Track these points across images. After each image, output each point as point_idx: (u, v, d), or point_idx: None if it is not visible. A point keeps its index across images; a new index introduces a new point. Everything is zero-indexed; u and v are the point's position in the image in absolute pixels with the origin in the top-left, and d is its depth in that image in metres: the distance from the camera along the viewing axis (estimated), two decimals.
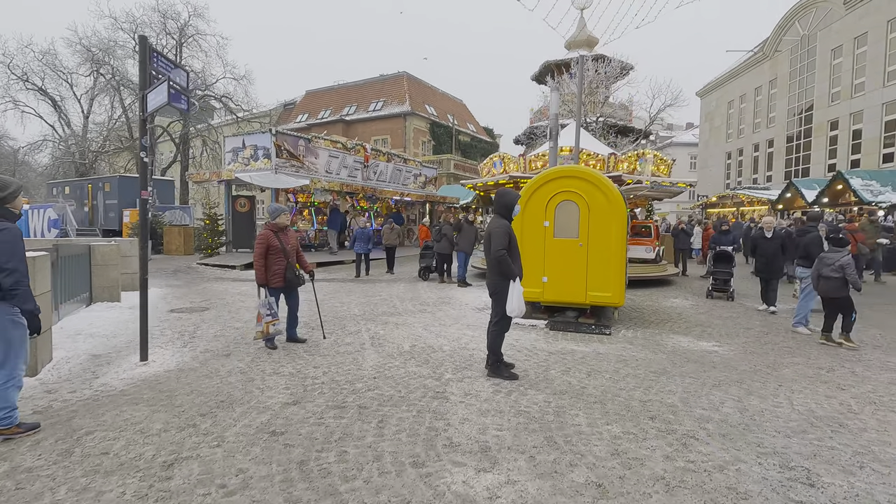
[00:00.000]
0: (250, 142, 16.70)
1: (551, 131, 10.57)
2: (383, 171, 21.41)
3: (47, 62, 34.52)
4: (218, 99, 37.31)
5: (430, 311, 8.19)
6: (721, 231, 10.16)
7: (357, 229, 12.83)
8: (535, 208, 7.29)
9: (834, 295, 6.15)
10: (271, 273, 5.49)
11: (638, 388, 4.48)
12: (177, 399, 3.94)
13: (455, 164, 37.16)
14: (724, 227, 10.26)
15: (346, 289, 10.75)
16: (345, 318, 7.42)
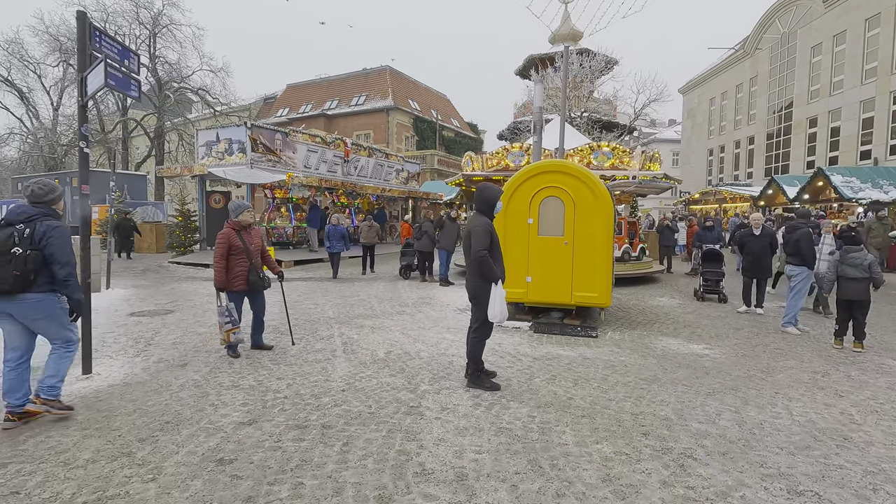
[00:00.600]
0: (224, 135, 16.06)
1: (535, 125, 10.22)
2: (364, 167, 20.90)
3: (13, 52, 33.10)
4: (195, 92, 36.25)
5: (410, 312, 7.80)
6: (705, 227, 9.87)
7: (329, 227, 11.98)
8: (518, 205, 6.95)
9: (861, 297, 5.80)
10: (233, 275, 5.04)
11: (628, 398, 4.16)
12: (115, 420, 3.49)
13: (439, 160, 36.72)
14: (707, 224, 9.97)
15: (323, 289, 10.29)
16: (317, 322, 6.99)
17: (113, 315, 7.42)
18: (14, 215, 3.38)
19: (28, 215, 3.38)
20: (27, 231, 3.31)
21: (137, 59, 5.02)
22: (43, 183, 3.56)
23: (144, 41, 34.18)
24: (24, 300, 3.32)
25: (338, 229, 11.90)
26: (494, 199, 4.39)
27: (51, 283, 3.41)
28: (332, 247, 11.89)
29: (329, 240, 11.91)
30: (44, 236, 3.33)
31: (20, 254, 3.23)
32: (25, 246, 3.26)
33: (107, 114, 36.49)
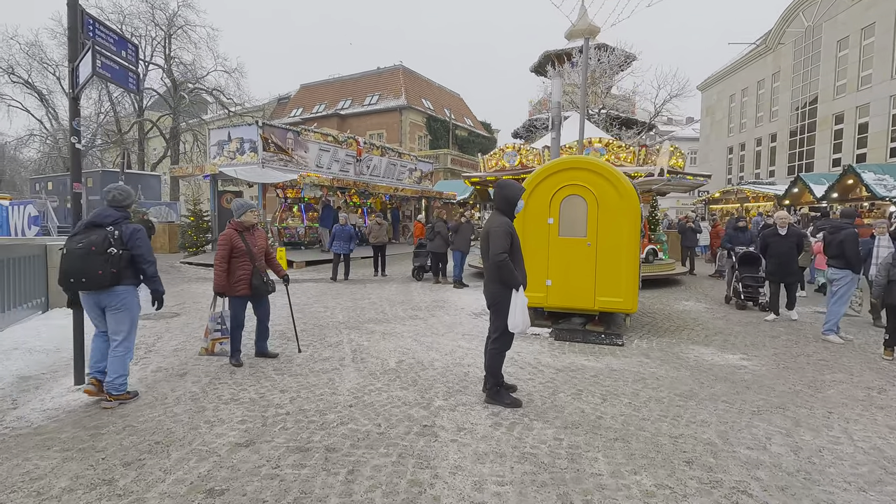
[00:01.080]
0: (236, 134, 15.89)
1: (553, 120, 9.81)
2: (377, 166, 20.61)
3: (33, 55, 33.53)
4: (209, 92, 36.40)
5: (423, 317, 7.45)
6: (737, 228, 9.22)
7: (336, 227, 11.46)
8: (537, 203, 6.55)
9: None
10: (235, 279, 4.74)
11: (664, 417, 3.76)
12: (102, 439, 3.19)
13: (452, 159, 36.36)
14: (740, 224, 9.31)
15: (333, 291, 10.00)
16: (326, 327, 6.68)
17: None
18: (101, 218, 3.78)
19: (113, 218, 3.81)
20: (116, 233, 3.74)
21: (136, 50, 4.74)
22: (121, 189, 3.98)
23: (160, 42, 34.43)
24: (113, 292, 3.78)
25: (345, 229, 11.39)
26: (515, 198, 4.01)
27: (134, 278, 3.89)
28: (337, 247, 11.40)
29: (335, 240, 11.42)
30: (130, 238, 3.78)
31: (115, 253, 3.69)
32: (118, 246, 3.72)
33: (123, 115, 36.80)
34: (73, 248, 3.64)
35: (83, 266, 3.60)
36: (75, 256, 3.61)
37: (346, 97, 42.25)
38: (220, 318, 4.70)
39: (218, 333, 4.70)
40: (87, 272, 3.61)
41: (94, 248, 3.61)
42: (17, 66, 33.70)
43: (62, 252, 3.72)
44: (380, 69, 42.68)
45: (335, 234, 11.40)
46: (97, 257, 3.61)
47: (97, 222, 3.74)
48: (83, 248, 3.61)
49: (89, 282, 3.64)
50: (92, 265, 3.60)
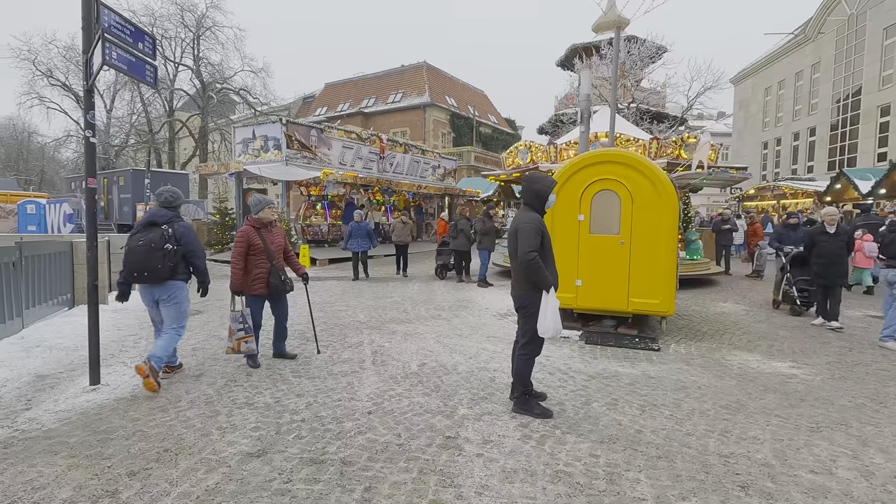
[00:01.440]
0: (260, 132, 15.95)
1: (582, 114, 9.42)
2: (400, 163, 20.48)
3: (70, 58, 34.57)
4: (236, 92, 36.96)
5: (446, 317, 7.20)
6: (788, 225, 8.39)
7: (352, 224, 10.95)
8: (567, 199, 6.22)
9: None
10: (252, 277, 4.58)
11: (711, 432, 3.42)
12: (111, 445, 3.05)
13: (476, 157, 36.07)
14: (791, 221, 8.49)
15: (356, 289, 9.85)
16: (347, 327, 6.49)
17: (141, 315, 7.16)
18: (157, 217, 4.11)
19: (167, 217, 4.13)
20: (170, 230, 4.06)
21: (153, 42, 4.62)
22: (172, 191, 4.27)
23: (189, 44, 35.11)
24: (167, 286, 4.11)
25: (361, 226, 10.97)
26: (546, 192, 3.72)
27: (185, 273, 4.21)
28: (355, 246, 11.00)
29: (351, 238, 10.99)
30: (183, 235, 4.09)
31: (170, 249, 4.02)
32: (173, 243, 4.05)
33: (155, 116, 37.70)
34: (134, 245, 4.00)
35: (145, 261, 3.95)
36: (138, 253, 3.96)
37: (370, 95, 42.33)
38: (241, 316, 4.55)
39: (242, 332, 4.54)
40: (149, 267, 3.96)
41: (153, 245, 3.96)
42: (56, 69, 34.82)
43: (124, 249, 4.07)
44: (403, 67, 42.60)
45: (351, 232, 11.05)
46: (156, 253, 3.96)
47: (154, 221, 4.09)
48: (144, 245, 3.96)
49: (150, 276, 3.99)
50: (152, 260, 3.95)
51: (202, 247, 4.34)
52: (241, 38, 47.05)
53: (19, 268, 5.70)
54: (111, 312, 7.32)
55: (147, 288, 4.12)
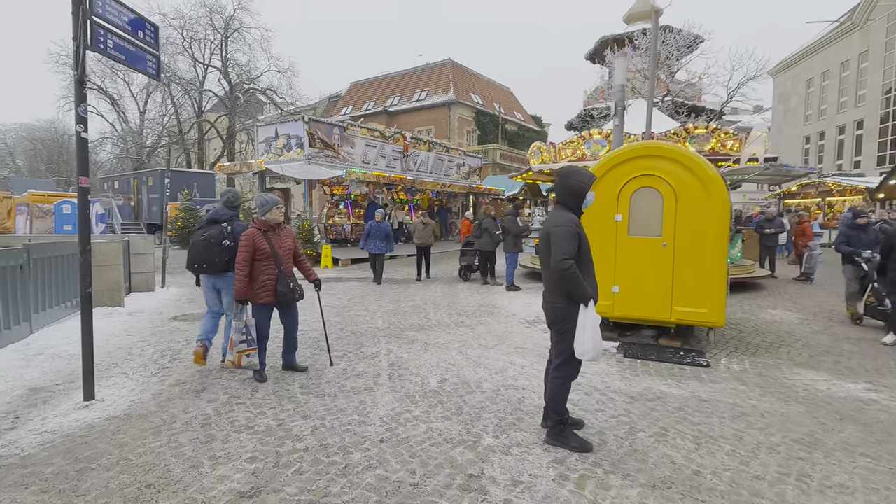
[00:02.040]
0: (283, 131, 15.79)
1: (616, 106, 8.81)
2: (424, 161, 20.09)
3: (104, 61, 35.53)
4: (262, 92, 37.31)
5: (469, 324, 6.74)
6: (856, 226, 7.22)
7: (371, 223, 10.37)
8: (604, 197, 5.67)
9: None
10: (258, 285, 4.21)
11: (786, 475, 2.86)
12: (88, 478, 2.70)
13: (501, 154, 35.44)
14: (860, 221, 7.30)
15: (376, 292, 9.47)
16: (364, 334, 6.10)
17: (156, 319, 6.96)
18: (218, 215, 4.54)
19: (227, 216, 4.56)
20: (229, 228, 4.47)
21: (156, 31, 4.30)
22: (233, 193, 4.76)
23: (217, 46, 35.59)
24: (225, 277, 4.55)
25: (381, 227, 10.39)
26: (584, 188, 3.21)
27: None
28: (372, 247, 10.38)
29: (369, 238, 10.38)
30: (239, 233, 4.39)
31: (228, 245, 4.42)
32: (231, 239, 4.43)
33: (186, 117, 38.41)
34: (197, 239, 4.45)
35: (204, 254, 4.39)
36: (199, 247, 4.41)
37: (395, 93, 42.16)
38: (244, 327, 4.19)
39: (244, 345, 4.19)
40: (207, 259, 4.39)
41: (213, 240, 4.39)
42: (92, 72, 35.81)
43: (190, 243, 4.57)
44: (429, 64, 42.24)
45: (369, 232, 10.39)
46: (215, 247, 4.38)
47: (216, 219, 4.52)
48: (205, 240, 4.40)
49: (209, 267, 4.43)
50: (211, 254, 4.37)
51: None
52: (268, 39, 47.66)
53: (27, 270, 5.50)
54: (126, 315, 7.14)
55: (208, 277, 4.57)
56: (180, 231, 19.11)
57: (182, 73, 35.88)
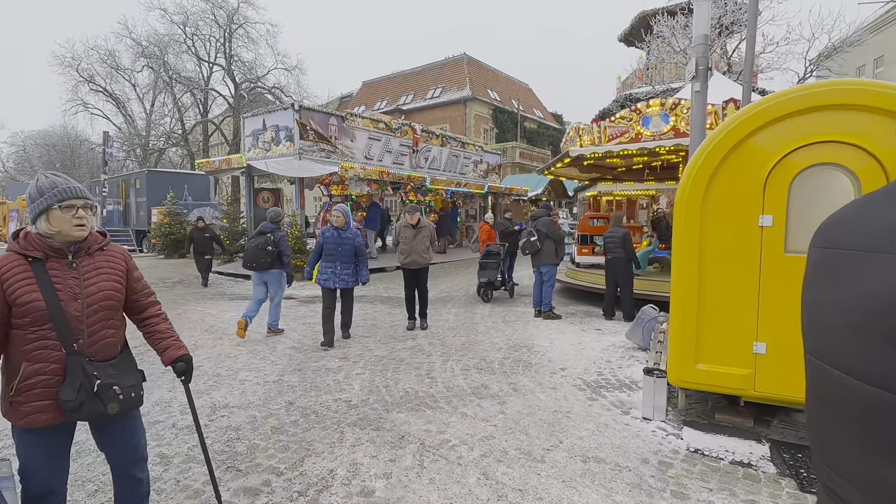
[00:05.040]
0: (271, 122, 13.60)
1: (697, 65, 6.31)
2: (436, 157, 17.73)
3: (111, 63, 34.12)
4: (269, 91, 35.50)
5: (496, 390, 4.28)
6: None
7: (325, 231, 5.77)
8: (736, 184, 3.22)
9: None
10: (17, 384, 1.83)
11: None
12: None
13: (521, 153, 33.05)
14: None
15: (366, 321, 7.10)
16: (317, 420, 3.68)
17: None
18: (264, 228, 6.11)
19: (271, 229, 6.10)
20: (271, 237, 5.99)
21: None
22: (276, 212, 6.34)
23: (221, 43, 33.91)
24: (270, 273, 6.14)
25: (343, 238, 5.72)
26: None
27: (281, 265, 6.10)
28: (325, 276, 5.77)
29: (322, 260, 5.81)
30: (279, 242, 6.01)
31: (271, 250, 5.98)
32: (273, 245, 5.98)
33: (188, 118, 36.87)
34: (251, 245, 6.08)
35: (255, 257, 5.98)
36: (252, 252, 6.02)
37: (409, 91, 40.12)
38: None
39: None
40: (257, 260, 5.99)
41: (260, 247, 5.95)
42: (97, 75, 34.41)
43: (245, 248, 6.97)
44: (446, 59, 40.05)
45: (322, 247, 5.75)
46: (262, 251, 5.96)
47: (263, 231, 6.10)
48: (254, 246, 6.00)
49: (258, 266, 6.02)
50: (259, 256, 5.97)
51: (290, 249, 6.29)
52: (274, 35, 45.87)
53: None
54: None
55: (258, 273, 6.13)
56: (165, 238, 17.08)
57: (187, 72, 34.35)
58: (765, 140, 3.17)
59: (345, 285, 5.89)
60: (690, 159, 3.50)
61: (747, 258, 3.22)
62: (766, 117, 3.15)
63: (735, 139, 3.24)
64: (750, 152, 3.22)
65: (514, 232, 9.90)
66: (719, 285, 3.30)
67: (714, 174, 3.29)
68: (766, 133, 3.17)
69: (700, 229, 3.33)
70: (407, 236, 6.59)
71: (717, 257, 3.30)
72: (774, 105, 3.12)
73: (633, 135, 8.64)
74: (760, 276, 3.19)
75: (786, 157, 3.10)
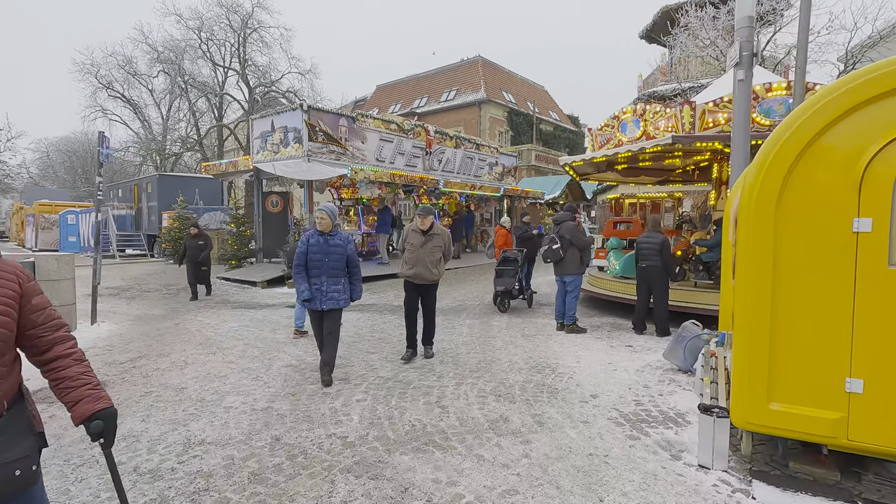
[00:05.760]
0: (280, 123, 13.17)
1: (741, 50, 5.63)
2: (450, 160, 17.16)
3: (128, 70, 34.38)
4: (283, 95, 35.38)
5: (518, 425, 3.65)
6: None
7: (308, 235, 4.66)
8: (817, 182, 2.57)
9: None
10: None
11: None
12: None
13: (537, 156, 32.38)
14: None
15: (374, 334, 6.52)
16: (311, 459, 3.11)
17: None
18: None
19: None
20: None
21: None
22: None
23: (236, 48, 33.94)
24: None
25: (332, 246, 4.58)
26: None
27: None
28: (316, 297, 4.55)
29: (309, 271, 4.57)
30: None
31: None
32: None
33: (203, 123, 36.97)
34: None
35: None
36: None
37: (423, 95, 39.75)
38: None
39: None
40: None
41: None
42: (115, 81, 34.69)
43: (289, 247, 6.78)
44: (459, 62, 39.58)
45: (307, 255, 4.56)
46: None
47: None
48: None
49: None
50: None
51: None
52: (288, 39, 45.92)
53: None
54: None
55: None
56: (174, 243, 16.80)
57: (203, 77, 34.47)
58: (860, 124, 2.52)
59: (334, 305, 4.53)
60: (759, 152, 2.86)
61: (837, 272, 2.57)
62: (863, 95, 2.50)
63: (819, 124, 2.60)
64: (840, 140, 2.57)
65: (533, 237, 9.29)
66: (800, 306, 2.64)
67: (792, 169, 2.65)
68: (861, 116, 2.52)
69: (774, 237, 2.68)
70: (415, 243, 5.37)
71: (797, 271, 2.65)
72: (877, 78, 2.46)
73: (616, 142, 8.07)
74: (855, 294, 2.53)
75: (890, 144, 2.44)
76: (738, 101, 5.79)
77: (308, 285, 4.54)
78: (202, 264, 9.90)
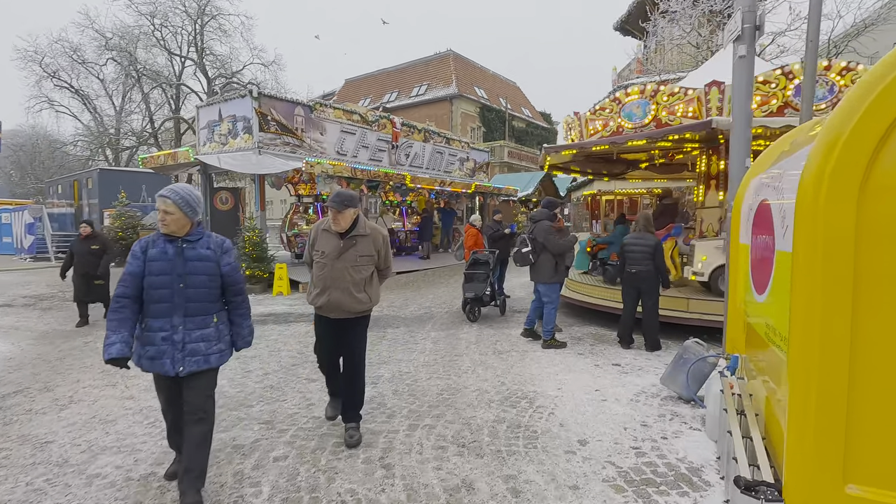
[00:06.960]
0: (228, 111, 11.93)
1: (743, 21, 4.87)
2: (419, 154, 16.18)
3: (77, 58, 31.94)
4: (244, 87, 33.68)
5: (483, 498, 2.74)
6: None
7: (153, 243, 2.61)
8: None
9: None
10: None
11: None
12: None
13: (510, 152, 31.73)
14: None
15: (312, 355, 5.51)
16: None
17: None
18: None
19: None
20: None
21: None
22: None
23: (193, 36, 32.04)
24: None
25: (188, 259, 2.58)
26: None
27: None
28: (150, 353, 2.63)
29: (116, 315, 2.60)
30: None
31: None
32: None
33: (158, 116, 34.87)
34: None
35: None
36: None
37: (393, 89, 38.61)
38: None
39: None
40: None
41: None
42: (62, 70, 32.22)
43: None
44: (430, 56, 38.56)
45: (137, 279, 2.58)
46: None
47: None
48: None
49: None
50: None
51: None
52: (249, 28, 43.98)
53: None
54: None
55: None
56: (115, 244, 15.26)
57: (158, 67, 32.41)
58: None
59: (198, 366, 2.60)
60: (825, 127, 2.01)
61: None
62: None
63: None
64: None
65: (505, 236, 8.42)
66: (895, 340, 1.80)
67: (882, 145, 1.80)
68: None
69: (854, 248, 1.83)
70: (327, 251, 3.27)
71: (890, 290, 1.81)
72: None
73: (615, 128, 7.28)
74: None
75: None
76: (737, 81, 5.02)
77: (128, 332, 2.56)
78: (98, 277, 7.18)
